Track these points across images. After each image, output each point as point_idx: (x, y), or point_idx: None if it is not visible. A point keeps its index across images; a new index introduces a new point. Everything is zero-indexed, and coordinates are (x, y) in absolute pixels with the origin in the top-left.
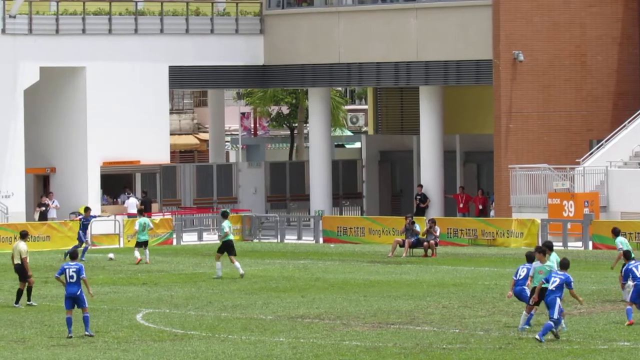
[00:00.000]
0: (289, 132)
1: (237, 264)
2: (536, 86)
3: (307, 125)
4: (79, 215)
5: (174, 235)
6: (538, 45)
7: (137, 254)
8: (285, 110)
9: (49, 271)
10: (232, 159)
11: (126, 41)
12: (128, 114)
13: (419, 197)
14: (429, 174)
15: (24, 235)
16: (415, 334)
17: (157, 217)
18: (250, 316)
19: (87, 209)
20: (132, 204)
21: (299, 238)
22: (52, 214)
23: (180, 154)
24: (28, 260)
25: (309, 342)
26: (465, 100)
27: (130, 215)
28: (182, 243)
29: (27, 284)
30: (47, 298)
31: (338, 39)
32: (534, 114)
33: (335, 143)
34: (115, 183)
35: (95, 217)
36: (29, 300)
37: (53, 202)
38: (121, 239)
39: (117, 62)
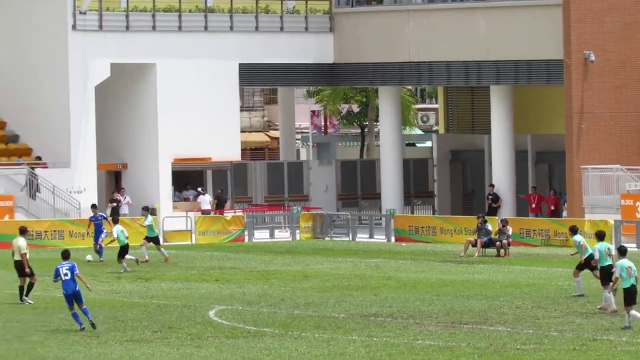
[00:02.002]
0: (360, 131)
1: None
2: (608, 86)
3: (378, 123)
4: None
5: (246, 233)
6: (609, 46)
7: (144, 251)
8: (355, 108)
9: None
10: (303, 157)
11: (196, 38)
12: (198, 111)
13: (490, 196)
14: (501, 174)
15: (23, 231)
16: (488, 334)
17: (228, 214)
18: (322, 314)
19: (93, 206)
20: (205, 200)
21: (371, 236)
22: (124, 210)
23: (251, 152)
24: (28, 257)
25: (381, 340)
26: (536, 100)
27: (203, 212)
28: (253, 240)
29: (28, 280)
30: (120, 294)
31: (408, 37)
32: (605, 114)
33: (406, 142)
34: (187, 180)
35: (104, 216)
36: (26, 295)
37: (125, 198)
38: (193, 235)
39: (187, 59)
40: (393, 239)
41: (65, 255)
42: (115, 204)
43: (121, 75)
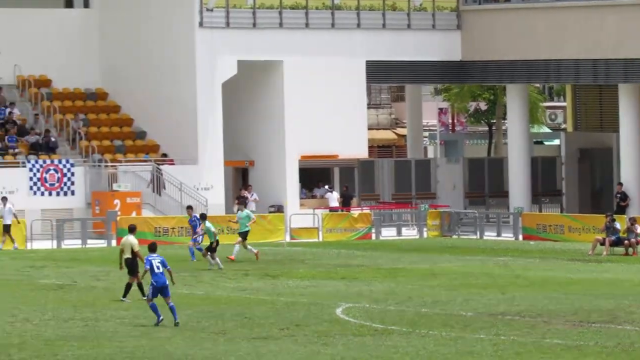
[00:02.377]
0: (487, 129)
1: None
2: None
3: (505, 121)
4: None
5: (373, 230)
6: None
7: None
8: (483, 106)
9: (250, 264)
10: (430, 155)
11: (323, 35)
12: (325, 108)
13: (619, 195)
14: (629, 172)
15: (132, 229)
16: (616, 333)
17: (356, 212)
18: (450, 312)
19: (189, 208)
20: (333, 197)
21: (499, 235)
22: (251, 206)
23: (378, 149)
24: (141, 254)
25: (509, 339)
26: None
27: (331, 210)
28: (381, 238)
29: (135, 279)
30: (247, 291)
31: (536, 35)
32: None
33: (534, 140)
34: (313, 177)
35: (198, 218)
36: (143, 295)
37: (252, 195)
38: (320, 232)
39: (313, 56)
40: (521, 237)
41: (153, 247)
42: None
43: (248, 72)
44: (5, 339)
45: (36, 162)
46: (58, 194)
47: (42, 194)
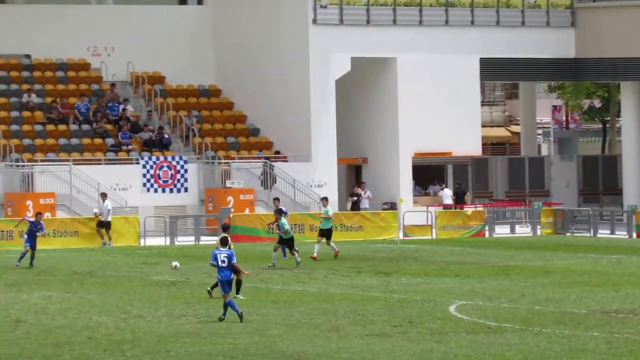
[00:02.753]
0: (601, 126)
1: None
2: None
3: (620, 119)
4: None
5: (487, 228)
6: None
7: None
8: (597, 103)
9: (362, 261)
10: (544, 152)
11: (437, 33)
12: (439, 105)
13: None
14: None
15: (226, 228)
16: None
17: (469, 209)
18: (563, 310)
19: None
20: (446, 195)
21: (612, 232)
22: (365, 204)
23: (492, 146)
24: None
25: (623, 337)
26: None
27: (445, 207)
28: (494, 235)
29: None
30: (361, 288)
31: None
32: None
33: None
34: (427, 174)
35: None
36: (237, 293)
37: (365, 192)
38: (433, 229)
39: (427, 53)
40: (635, 235)
41: (224, 241)
42: (355, 198)
43: (361, 69)
44: (118, 335)
45: (149, 158)
46: (171, 190)
47: (156, 190)
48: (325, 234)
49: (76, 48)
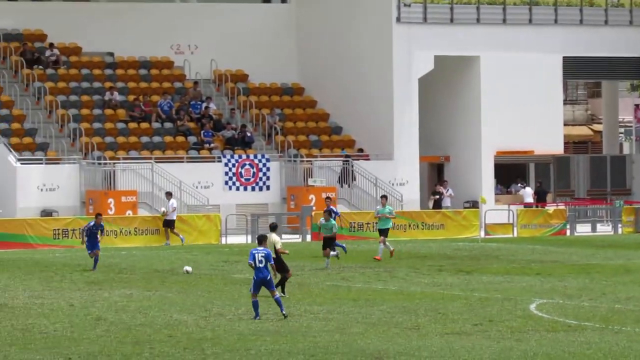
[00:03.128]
0: None
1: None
2: None
3: None
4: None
5: (568, 226)
6: None
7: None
8: None
9: (443, 259)
10: (626, 151)
11: (520, 31)
12: (521, 104)
13: None
14: None
15: (274, 228)
16: None
17: (550, 207)
18: None
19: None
20: (527, 193)
21: None
22: (446, 202)
23: (574, 145)
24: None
25: None
26: None
27: (526, 205)
28: (575, 234)
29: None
30: (442, 286)
31: None
32: None
33: None
34: (509, 173)
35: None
36: (282, 291)
37: (447, 190)
38: (515, 228)
39: (510, 52)
40: None
41: (261, 240)
42: (437, 197)
43: (444, 67)
44: (198, 333)
45: (232, 157)
46: (253, 188)
47: (237, 188)
48: (385, 233)
49: (159, 46)
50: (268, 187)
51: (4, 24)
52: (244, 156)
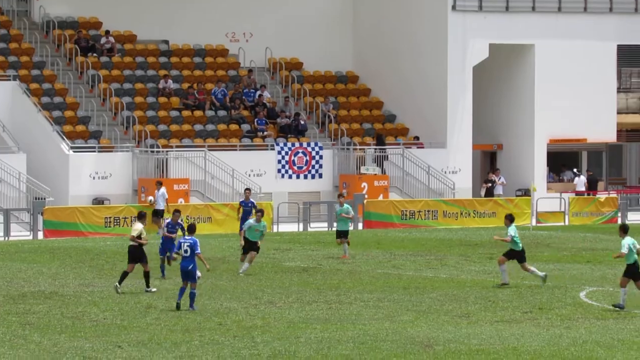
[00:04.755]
0: None
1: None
2: None
3: None
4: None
5: (619, 214)
6: None
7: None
8: None
9: (494, 247)
10: None
11: (575, 19)
12: (575, 92)
13: None
14: None
15: (141, 217)
16: None
17: (602, 196)
18: None
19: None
20: (580, 182)
21: None
22: (498, 190)
23: (627, 133)
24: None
25: None
26: None
27: (577, 193)
28: (627, 221)
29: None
30: (492, 274)
31: None
32: None
33: None
34: (562, 160)
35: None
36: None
37: (499, 178)
38: (566, 216)
39: (565, 40)
40: None
41: (191, 229)
42: (490, 184)
43: (498, 55)
44: (249, 321)
45: (285, 145)
46: (305, 177)
47: (290, 176)
48: (344, 235)
49: (214, 34)
50: (320, 175)
51: (59, 11)
52: (297, 144)
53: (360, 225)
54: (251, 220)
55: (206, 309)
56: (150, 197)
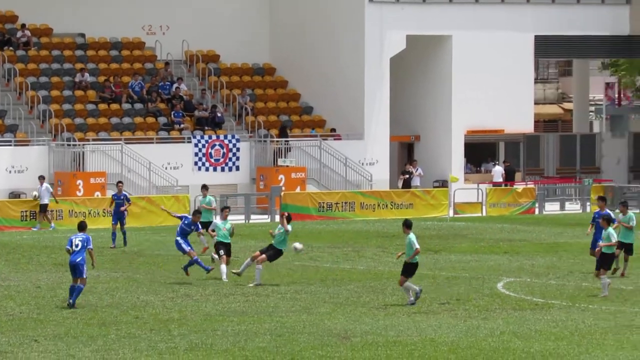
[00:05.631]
0: None
1: None
2: None
3: None
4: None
5: (536, 205)
6: None
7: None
8: None
9: None
10: (596, 129)
11: (493, 10)
12: (492, 83)
13: None
14: None
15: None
16: None
17: (520, 186)
18: (611, 286)
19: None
20: (497, 172)
21: None
22: (416, 181)
23: (544, 124)
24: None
25: None
26: None
27: (495, 184)
28: (544, 212)
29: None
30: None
31: None
32: None
33: None
34: (479, 152)
35: (127, 197)
36: None
37: (417, 169)
38: (484, 207)
39: (483, 31)
40: None
41: (82, 226)
42: (407, 176)
43: (416, 47)
44: (165, 314)
45: (202, 137)
46: (223, 169)
47: (207, 169)
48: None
49: (131, 27)
50: (237, 168)
51: None
52: (214, 137)
53: (276, 217)
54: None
55: (123, 302)
56: (35, 192)
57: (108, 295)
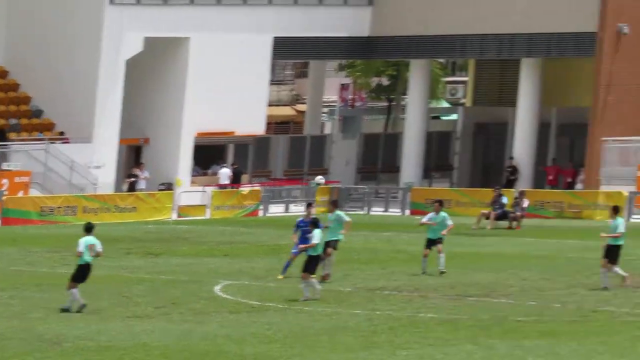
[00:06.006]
0: (387, 104)
1: None
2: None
3: (405, 97)
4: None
5: (261, 207)
6: None
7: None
8: (385, 81)
9: (133, 242)
10: (328, 131)
11: (234, 12)
12: (227, 85)
13: (509, 169)
14: (522, 147)
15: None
16: (491, 307)
17: (245, 189)
18: (328, 288)
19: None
20: (224, 174)
21: (386, 210)
22: (141, 185)
23: (276, 125)
24: None
25: (384, 314)
26: (564, 73)
27: (221, 187)
28: (268, 215)
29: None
30: (128, 269)
31: (445, 10)
32: (633, 86)
33: (432, 115)
34: (209, 154)
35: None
36: None
37: (143, 172)
38: (208, 210)
39: (222, 33)
40: (408, 212)
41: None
42: (133, 179)
43: (154, 49)
44: None
45: None
46: None
47: None
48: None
49: None
50: None
51: None
52: None
53: None
54: None
55: None
56: None
57: None
